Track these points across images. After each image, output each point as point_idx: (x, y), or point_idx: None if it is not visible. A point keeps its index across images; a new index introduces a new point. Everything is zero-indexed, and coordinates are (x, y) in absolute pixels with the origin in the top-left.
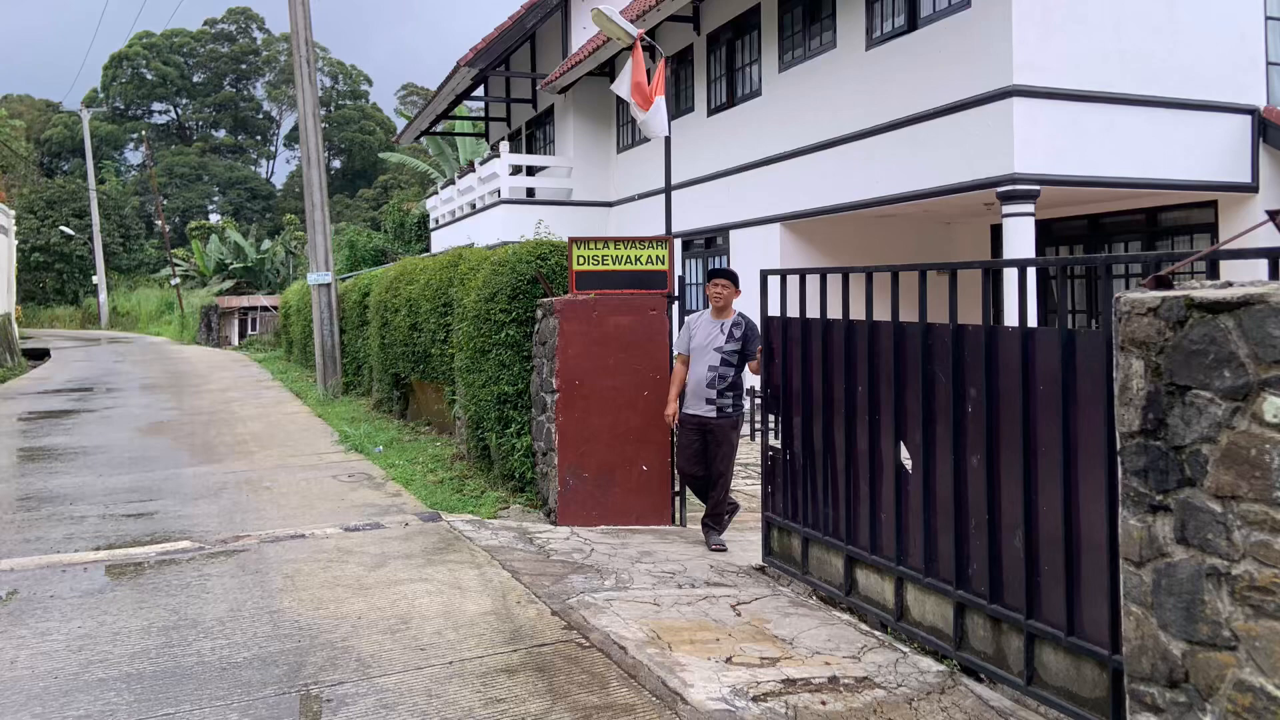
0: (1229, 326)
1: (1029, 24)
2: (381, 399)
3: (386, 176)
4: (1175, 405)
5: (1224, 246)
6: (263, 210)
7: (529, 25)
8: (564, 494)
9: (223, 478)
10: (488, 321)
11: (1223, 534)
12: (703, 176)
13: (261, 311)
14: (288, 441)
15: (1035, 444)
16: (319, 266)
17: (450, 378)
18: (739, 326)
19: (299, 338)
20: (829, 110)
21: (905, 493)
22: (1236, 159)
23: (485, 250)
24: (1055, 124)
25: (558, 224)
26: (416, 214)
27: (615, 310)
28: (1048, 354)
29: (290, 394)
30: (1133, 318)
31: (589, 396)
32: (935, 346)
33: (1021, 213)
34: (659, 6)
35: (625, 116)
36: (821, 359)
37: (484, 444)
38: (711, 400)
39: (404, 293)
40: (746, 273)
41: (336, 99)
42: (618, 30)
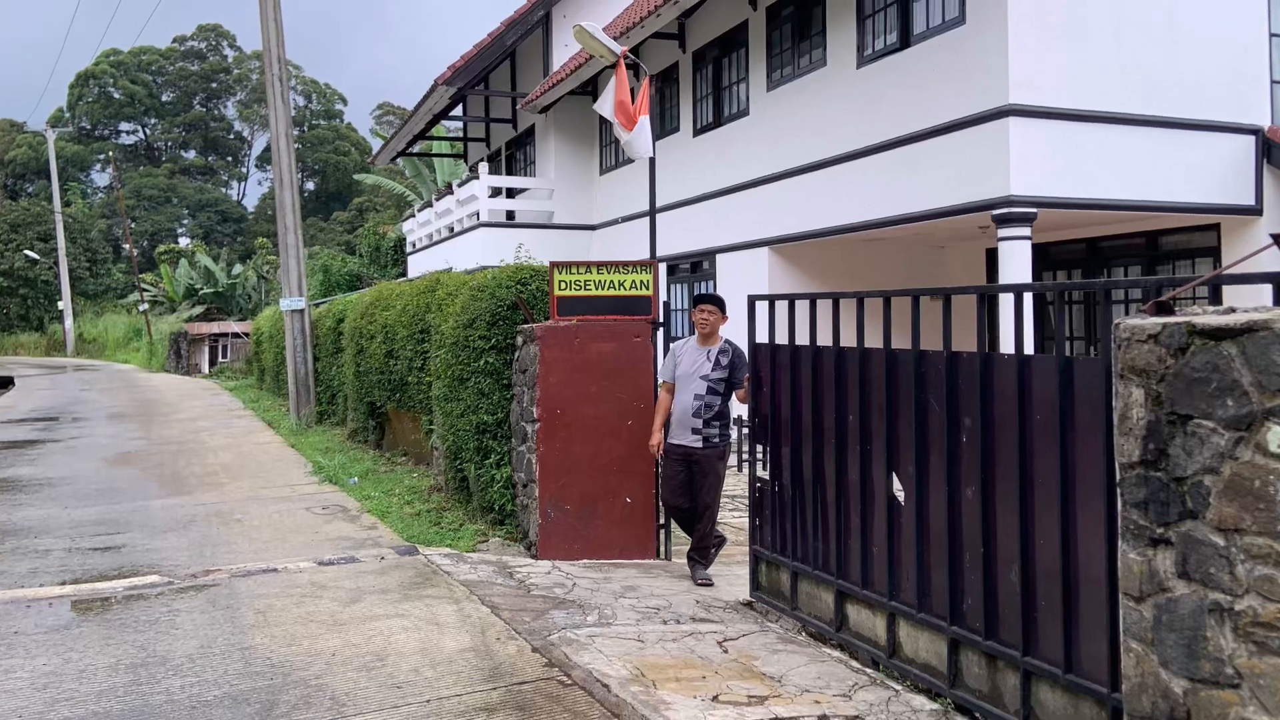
0: (1232, 354)
1: (1025, 41)
2: (356, 429)
3: (362, 199)
4: (1176, 435)
5: (1227, 271)
6: (234, 234)
7: (509, 42)
8: (545, 527)
9: (192, 510)
10: (466, 349)
11: (1225, 568)
12: (688, 199)
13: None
14: (260, 472)
15: (1032, 475)
16: (292, 291)
17: (427, 407)
18: (726, 354)
19: (271, 365)
20: (819, 130)
21: (898, 525)
22: (1240, 180)
23: (464, 275)
24: (1052, 144)
25: (539, 248)
26: (393, 237)
27: (598, 337)
28: (1045, 382)
29: (262, 423)
30: (1133, 345)
31: (571, 426)
32: (928, 374)
33: (1017, 236)
34: (643, 23)
35: (608, 137)
36: (811, 387)
37: (462, 475)
38: (697, 430)
39: (380, 319)
40: (733, 298)
41: (310, 119)
42: (600, 48)
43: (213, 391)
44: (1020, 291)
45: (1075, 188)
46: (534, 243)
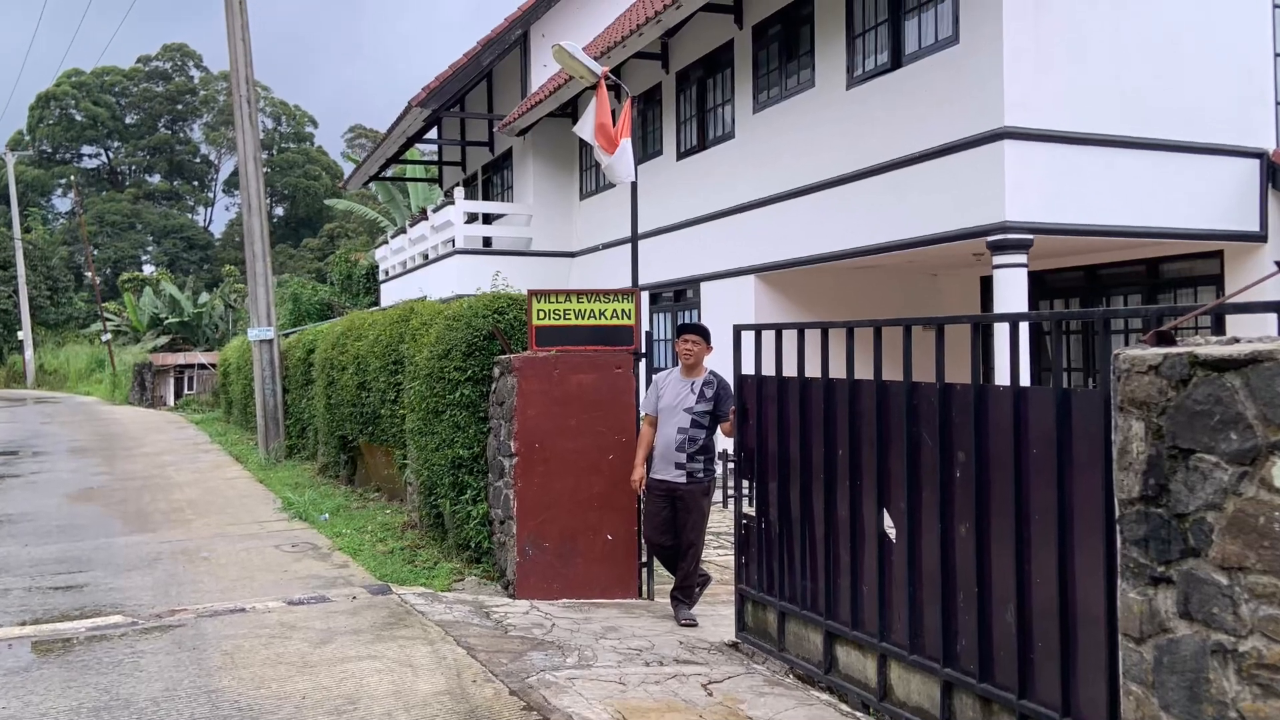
0: (1236, 386)
1: (1021, 61)
2: (327, 463)
3: (333, 225)
4: (1178, 470)
5: (1230, 300)
6: (200, 261)
7: (485, 63)
8: (523, 565)
9: (157, 548)
10: (441, 380)
11: (1229, 608)
12: (672, 225)
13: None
14: (227, 509)
15: (1028, 511)
16: (260, 321)
17: (401, 440)
18: (710, 385)
19: (239, 398)
20: (807, 154)
21: (889, 563)
22: (1244, 206)
23: (439, 304)
24: (1050, 168)
25: (516, 275)
26: (365, 265)
27: (578, 368)
28: (1041, 415)
29: (230, 458)
30: (1132, 376)
31: (550, 460)
32: (921, 407)
33: (1013, 263)
34: (625, 43)
35: (589, 161)
36: (799, 420)
37: (437, 511)
38: (681, 464)
39: (351, 349)
40: (718, 328)
41: (279, 142)
42: (580, 68)
43: (178, 425)
44: (1016, 321)
45: (1073, 213)
46: (511, 270)
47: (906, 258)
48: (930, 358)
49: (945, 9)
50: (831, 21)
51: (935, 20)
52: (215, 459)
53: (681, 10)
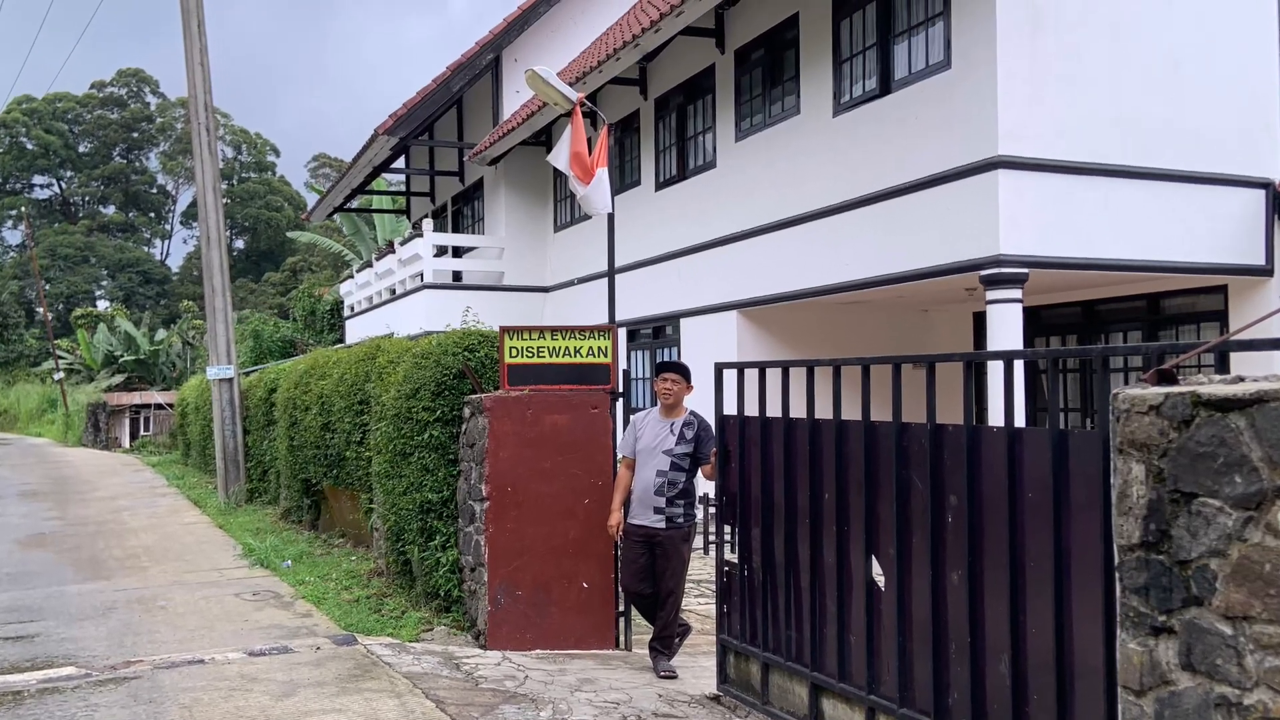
0: (1240, 426)
1: (1016, 87)
2: (290, 508)
3: (296, 258)
4: (1180, 515)
5: (1234, 337)
6: (157, 296)
7: (455, 89)
8: (495, 614)
9: (112, 596)
10: (409, 421)
11: (1233, 659)
12: (650, 258)
13: (156, 410)
14: (185, 555)
15: (1023, 558)
16: (220, 359)
17: (367, 484)
18: (691, 426)
19: (198, 439)
20: (792, 184)
21: (877, 613)
22: (1249, 238)
23: (407, 341)
24: (1045, 199)
25: (488, 311)
26: (329, 300)
27: (552, 408)
28: (1037, 457)
29: (188, 502)
30: (1132, 416)
31: (523, 505)
32: (911, 449)
33: (1007, 299)
34: (601, 68)
35: (563, 191)
36: (784, 463)
37: (405, 558)
38: (660, 509)
39: (315, 388)
40: (699, 366)
41: (240, 171)
42: (555, 94)
43: (134, 467)
44: (1010, 359)
45: (1070, 246)
46: (483, 306)
47: (896, 293)
48: (921, 398)
49: (936, 33)
50: (817, 46)
51: (926, 44)
52: (173, 503)
53: (660, 34)
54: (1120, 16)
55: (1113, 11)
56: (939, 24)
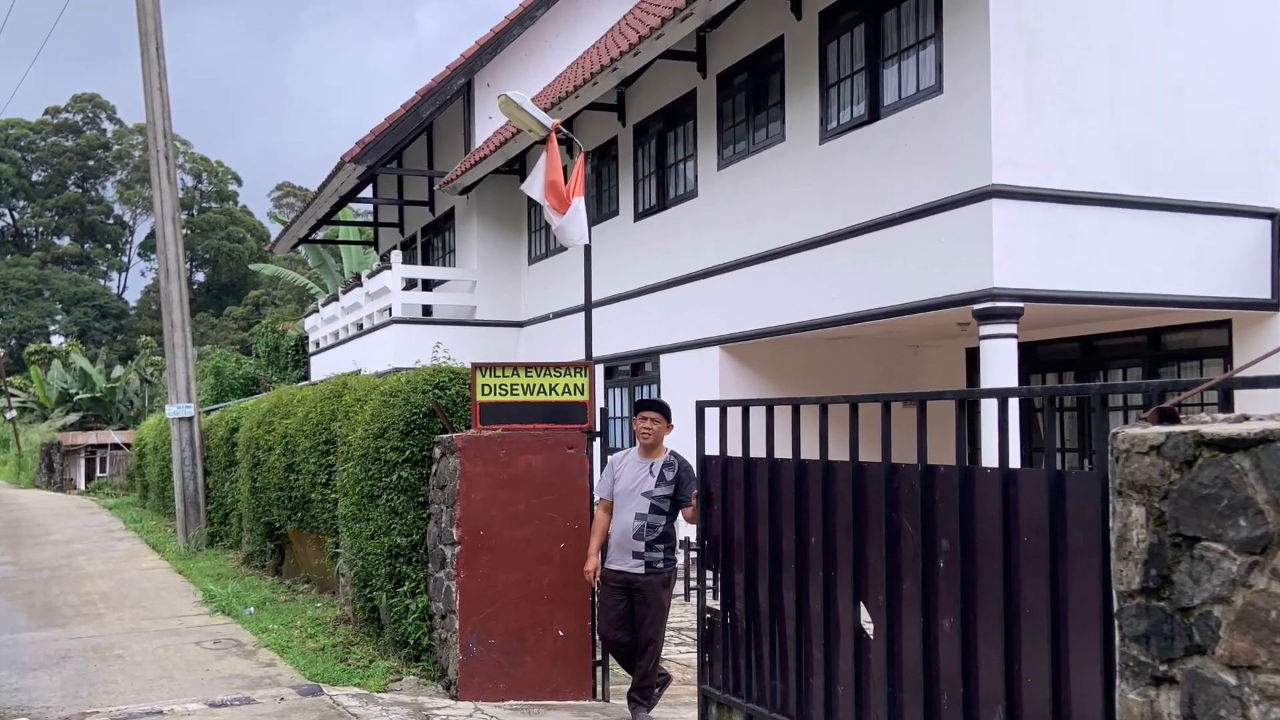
0: (1245, 467)
1: (1011, 113)
2: (253, 552)
3: (259, 292)
4: (1182, 559)
5: (1239, 374)
6: (114, 331)
7: (425, 115)
8: (466, 663)
9: (66, 644)
10: (377, 461)
11: (1238, 710)
12: (629, 292)
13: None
14: (143, 602)
15: (1018, 605)
16: (180, 397)
17: (333, 527)
18: (671, 467)
19: (156, 480)
20: (777, 214)
21: (866, 662)
22: (1254, 270)
23: (374, 378)
24: (1041, 230)
25: (459, 347)
26: (294, 336)
27: (527, 448)
28: (1033, 499)
29: (146, 546)
30: (1132, 457)
31: (495, 549)
32: (901, 490)
33: (1002, 334)
34: (577, 93)
35: (538, 222)
36: (768, 505)
37: (373, 605)
38: (639, 553)
39: (279, 428)
40: (680, 404)
41: (200, 200)
42: (529, 120)
43: (90, 510)
44: (1005, 397)
45: (1067, 279)
46: (454, 341)
47: (885, 328)
48: (911, 437)
49: (927, 56)
50: (803, 70)
51: (916, 68)
52: (130, 547)
53: (639, 58)
54: (1120, 39)
55: (1112, 34)
56: (930, 47)
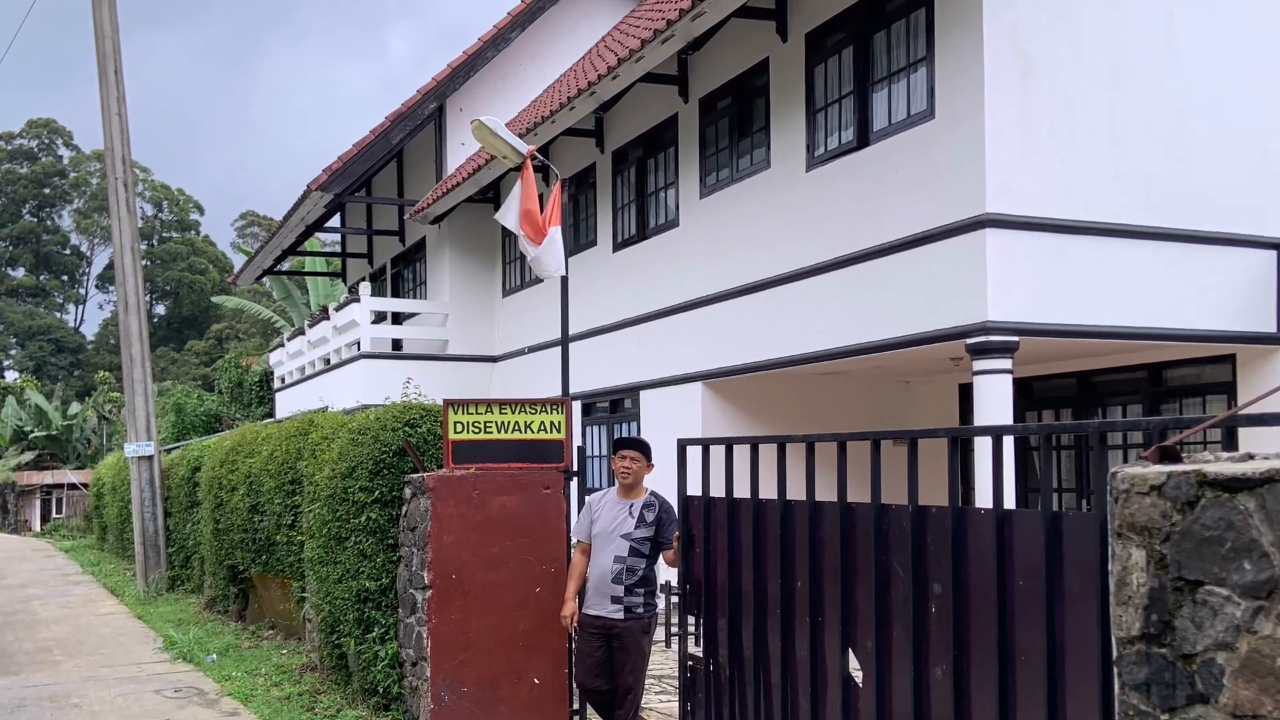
0: (1250, 508)
1: (1006, 139)
2: (215, 596)
3: (222, 325)
4: (1184, 604)
5: (1243, 410)
6: (70, 366)
7: (395, 141)
8: (438, 712)
9: (20, 693)
10: (345, 502)
11: None
12: (607, 325)
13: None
14: (101, 648)
15: (1013, 651)
16: (139, 435)
17: (299, 570)
18: (651, 508)
19: (115, 522)
20: (761, 244)
21: (854, 711)
22: (1259, 303)
23: (342, 415)
24: (1037, 261)
25: (431, 383)
26: (258, 371)
27: (501, 488)
28: (1028, 542)
29: (104, 590)
30: (1132, 497)
31: (468, 594)
32: (891, 532)
33: (996, 369)
34: (554, 118)
35: (513, 252)
36: (753, 548)
37: (341, 651)
38: (618, 598)
39: (243, 467)
40: (661, 442)
41: (160, 230)
42: (503, 146)
43: (45, 553)
44: (999, 435)
45: (1064, 312)
46: (425, 377)
47: (875, 363)
48: (902, 477)
49: (919, 80)
50: (789, 94)
51: (907, 93)
52: (88, 592)
53: (618, 81)
54: (1119, 63)
55: (1111, 58)
56: (922, 70)
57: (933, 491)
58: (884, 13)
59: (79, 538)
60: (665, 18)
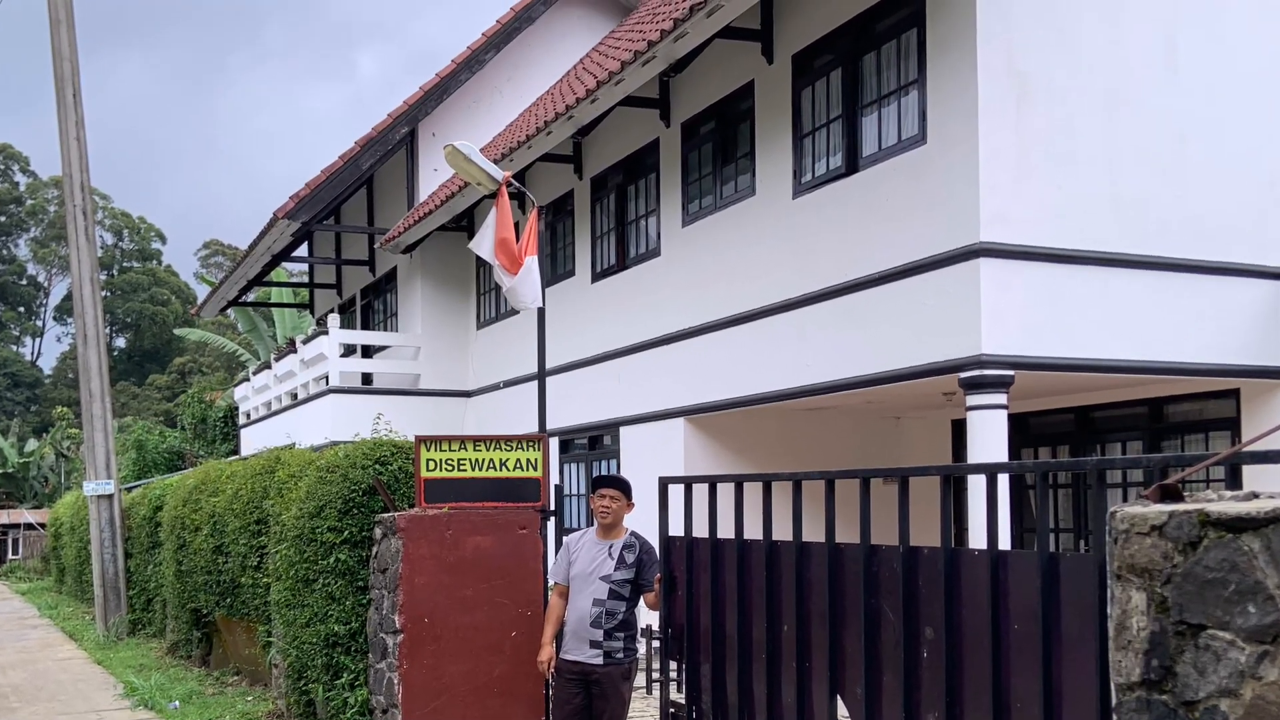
0: (1255, 549)
1: (1001, 164)
2: (178, 641)
3: (184, 359)
4: (1186, 649)
5: (1247, 447)
6: (27, 402)
7: (365, 167)
8: None
9: None
10: (313, 543)
11: None
12: (586, 359)
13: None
14: (59, 695)
15: (1009, 698)
16: (99, 473)
17: (265, 614)
18: (632, 549)
19: (73, 563)
20: (746, 274)
21: None
22: (1264, 335)
23: (310, 452)
24: (1033, 291)
25: (402, 418)
26: (222, 406)
27: (475, 529)
28: (1024, 584)
29: (62, 635)
30: (1131, 538)
31: (441, 638)
32: (881, 574)
33: (990, 404)
34: (530, 143)
35: (488, 283)
36: (737, 590)
37: (308, 698)
38: (597, 642)
39: (206, 506)
40: (642, 480)
41: (121, 260)
42: (478, 173)
43: (1, 596)
44: (994, 472)
45: (1061, 345)
46: (396, 412)
47: (864, 398)
48: (892, 516)
49: (910, 103)
50: (775, 118)
51: (898, 117)
52: (45, 636)
53: (597, 105)
54: (1118, 86)
55: (1110, 80)
56: (913, 93)
57: (924, 532)
58: (874, 33)
59: (36, 580)
60: (646, 39)
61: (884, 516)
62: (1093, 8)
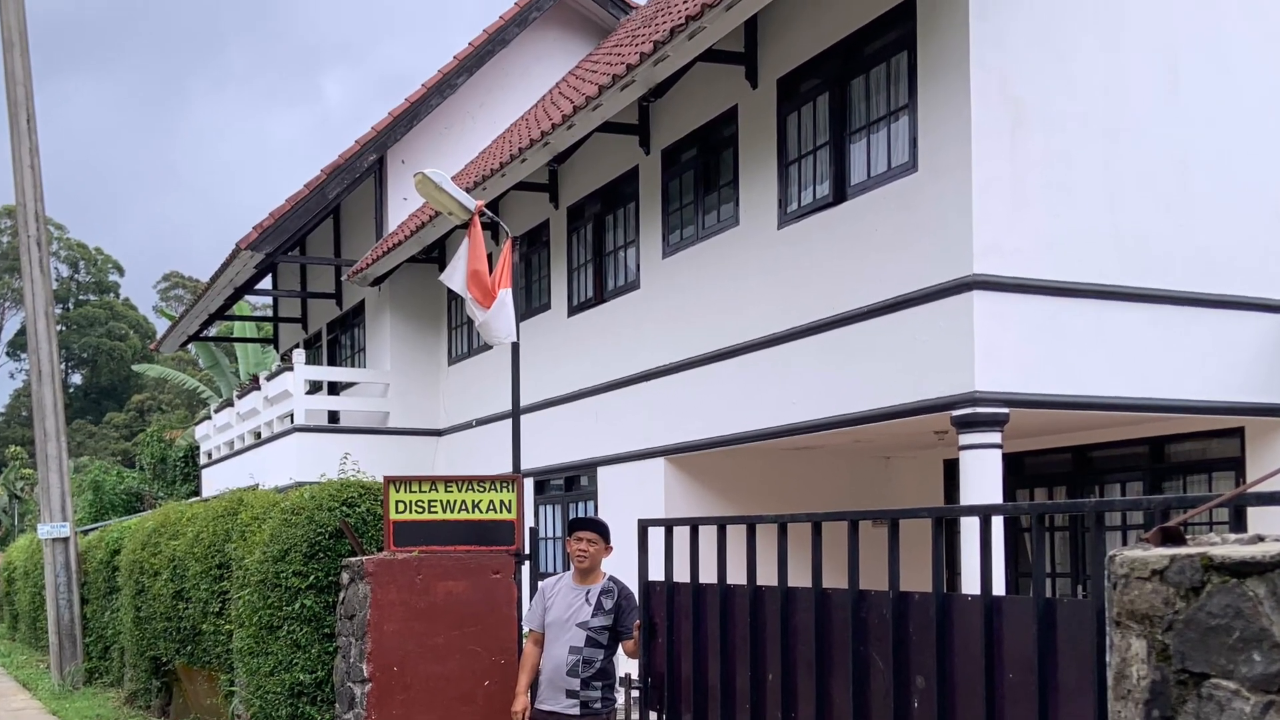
0: (1260, 595)
1: (995, 193)
2: (137, 690)
3: (143, 396)
4: (1188, 699)
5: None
6: None
7: (332, 196)
8: None
9: None
10: (277, 588)
11: None
12: (562, 396)
13: None
14: None
15: None
16: (54, 515)
17: (228, 662)
18: (610, 595)
19: (27, 610)
20: (729, 308)
21: None
22: (1270, 372)
23: (274, 494)
24: (1029, 326)
25: (370, 458)
26: (182, 445)
27: (447, 573)
28: (1019, 631)
29: (15, 684)
30: (1131, 583)
31: (411, 687)
32: (870, 621)
33: (984, 444)
34: (504, 170)
35: (460, 317)
36: (720, 637)
37: None
38: (574, 692)
39: (166, 550)
40: (620, 523)
41: (77, 292)
42: (449, 202)
43: None
44: (988, 514)
45: (1058, 382)
46: (364, 452)
47: (853, 436)
48: (882, 560)
49: (900, 129)
50: (759, 145)
51: (888, 143)
52: None
53: (574, 131)
54: (1118, 113)
55: (1109, 107)
56: (903, 119)
57: (915, 576)
58: (863, 57)
59: None
60: (625, 62)
61: (873, 560)
62: (1091, 32)
